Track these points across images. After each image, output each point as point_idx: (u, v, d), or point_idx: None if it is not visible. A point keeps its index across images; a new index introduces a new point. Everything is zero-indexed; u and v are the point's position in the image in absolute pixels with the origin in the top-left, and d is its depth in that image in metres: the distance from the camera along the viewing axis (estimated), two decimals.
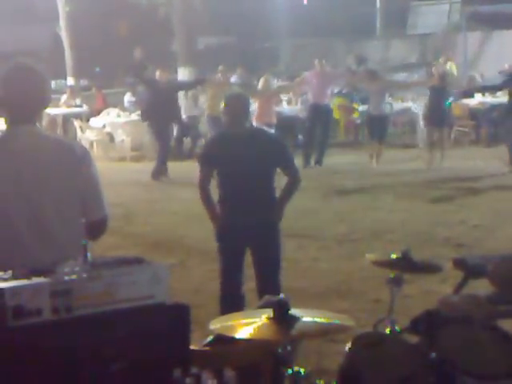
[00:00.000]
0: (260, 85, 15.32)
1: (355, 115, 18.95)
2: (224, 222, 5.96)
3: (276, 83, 19.80)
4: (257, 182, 5.91)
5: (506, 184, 12.71)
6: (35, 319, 2.78)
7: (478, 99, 18.43)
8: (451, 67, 19.49)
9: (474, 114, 18.14)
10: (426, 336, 3.99)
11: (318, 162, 15.11)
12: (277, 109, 17.83)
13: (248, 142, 5.85)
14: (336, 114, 19.47)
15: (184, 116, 16.81)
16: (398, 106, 19.58)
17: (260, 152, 5.82)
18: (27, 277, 2.94)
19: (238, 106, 5.89)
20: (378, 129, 14.99)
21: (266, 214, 6.00)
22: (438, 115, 14.80)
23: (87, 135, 17.69)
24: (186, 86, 17.02)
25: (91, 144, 17.46)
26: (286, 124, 16.91)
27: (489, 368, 3.73)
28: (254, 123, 14.48)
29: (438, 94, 14.89)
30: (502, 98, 17.37)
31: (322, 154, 15.19)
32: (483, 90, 17.39)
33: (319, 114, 15.15)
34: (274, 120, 14.72)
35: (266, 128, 14.10)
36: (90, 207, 3.87)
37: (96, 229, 3.93)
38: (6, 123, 3.87)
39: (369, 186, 12.94)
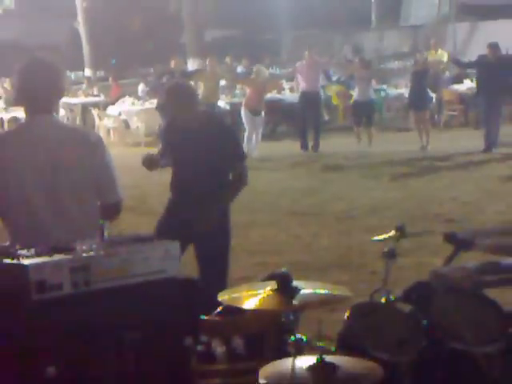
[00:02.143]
0: (253, 74, 15.45)
1: (352, 101, 18.92)
2: (170, 209, 5.41)
3: (277, 72, 19.84)
4: (204, 174, 5.23)
5: (491, 163, 12.69)
6: (57, 293, 2.79)
7: (466, 85, 18.42)
8: (442, 55, 19.38)
9: (463, 98, 18.14)
10: (418, 304, 4.00)
11: (314, 147, 15.08)
12: (280, 96, 17.86)
13: (196, 131, 5.23)
14: (334, 100, 19.46)
15: None
16: (392, 92, 19.59)
17: (208, 143, 5.20)
18: (49, 254, 2.94)
19: (180, 94, 5.30)
20: (364, 114, 15.00)
21: (210, 208, 5.22)
22: (418, 99, 14.90)
23: (104, 123, 17.69)
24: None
25: (108, 131, 17.47)
26: (288, 110, 16.90)
27: (476, 333, 3.73)
28: (243, 108, 14.76)
29: (419, 79, 14.97)
30: None
31: (317, 139, 15.15)
32: (458, 63, 17.41)
33: (310, 100, 15.16)
34: (262, 106, 14.73)
35: (252, 113, 14.41)
36: (105, 191, 3.86)
37: (110, 211, 3.92)
38: (24, 113, 3.88)
39: (365, 167, 12.92)
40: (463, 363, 3.73)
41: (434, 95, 18.11)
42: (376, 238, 4.43)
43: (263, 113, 14.70)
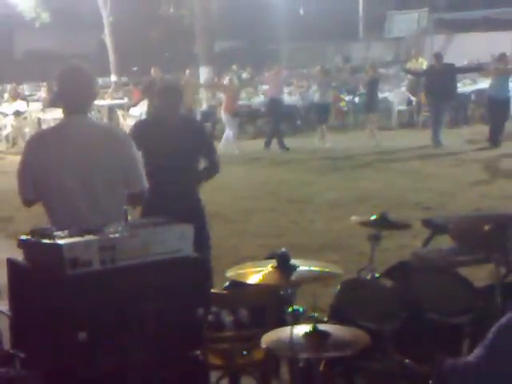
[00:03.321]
0: (226, 82, 15.70)
1: (342, 104, 18.89)
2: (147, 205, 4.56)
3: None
4: (181, 171, 5.06)
5: (464, 158, 12.67)
6: (87, 269, 2.80)
7: None
8: (422, 63, 19.30)
9: None
10: (400, 281, 4.00)
11: (266, 144, 15.04)
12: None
13: (179, 129, 5.09)
14: (343, 104, 19.35)
15: None
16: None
17: (188, 140, 5.07)
18: (80, 235, 2.95)
19: (175, 93, 5.11)
20: (323, 114, 15.30)
21: (191, 196, 5.14)
22: (371, 103, 15.22)
23: (128, 122, 17.63)
24: None
25: None
26: (287, 111, 16.86)
27: (450, 306, 3.73)
28: (223, 112, 14.81)
29: (372, 85, 15.42)
30: (462, 88, 17.33)
31: (270, 138, 15.10)
32: (410, 73, 17.74)
33: (277, 105, 15.24)
34: (237, 110, 15.04)
35: (230, 117, 14.59)
36: (131, 181, 3.86)
37: (136, 199, 3.93)
38: (62, 113, 3.89)
39: (354, 161, 12.90)
40: (438, 332, 3.73)
41: (413, 98, 18.09)
42: (354, 218, 4.45)
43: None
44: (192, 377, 2.91)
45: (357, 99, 18.87)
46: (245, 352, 3.43)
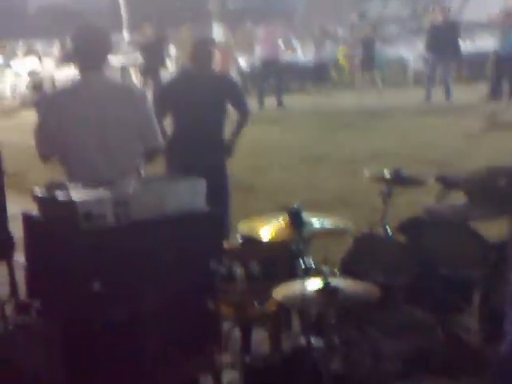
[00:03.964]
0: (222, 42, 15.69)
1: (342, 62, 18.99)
2: (175, 162, 5.00)
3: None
4: (212, 123, 5.26)
5: (481, 112, 12.57)
6: (101, 223, 2.84)
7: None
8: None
9: None
10: (412, 236, 4.02)
11: (279, 103, 15.02)
12: (290, 58, 17.78)
13: (211, 86, 5.22)
14: (342, 61, 19.23)
15: None
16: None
17: (219, 95, 5.25)
18: (94, 190, 2.99)
19: (206, 50, 5.23)
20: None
21: (218, 155, 5.31)
22: (368, 61, 15.26)
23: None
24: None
25: None
26: (300, 71, 16.86)
27: (462, 261, 3.76)
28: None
29: (368, 45, 15.72)
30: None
31: (280, 98, 15.05)
32: None
33: (273, 66, 15.08)
34: (233, 70, 15.07)
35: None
36: (147, 137, 3.90)
37: (152, 154, 3.97)
38: (78, 69, 3.91)
39: (367, 119, 12.84)
40: (449, 286, 3.76)
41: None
42: (367, 173, 4.47)
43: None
44: (205, 327, 2.97)
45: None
46: (256, 304, 3.48)
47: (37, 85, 17.35)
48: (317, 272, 3.35)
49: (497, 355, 2.61)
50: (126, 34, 23.98)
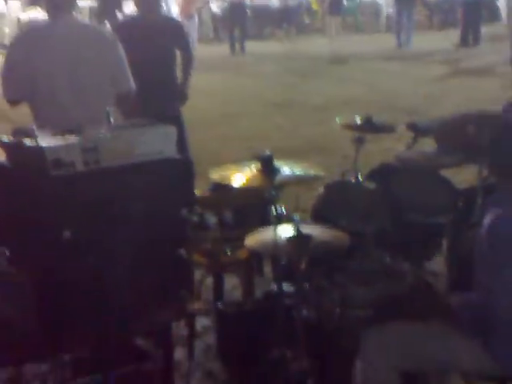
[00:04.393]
0: None
1: (314, 6, 18.81)
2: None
3: None
4: (161, 67, 5.13)
5: (452, 62, 12.58)
6: (70, 170, 2.80)
7: None
8: None
9: (426, 3, 17.86)
10: (382, 183, 4.04)
11: (242, 49, 14.97)
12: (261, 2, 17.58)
13: (156, 30, 5.11)
14: (314, 6, 19.05)
15: None
16: None
17: (165, 38, 5.15)
18: (63, 136, 2.94)
19: None
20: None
21: (171, 102, 5.20)
22: (336, 4, 15.25)
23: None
24: None
25: None
26: (272, 15, 16.67)
27: (430, 207, 3.80)
28: (179, 16, 14.43)
29: None
30: None
31: (243, 43, 15.02)
32: None
33: (238, 9, 15.06)
34: (194, 13, 14.55)
35: (187, 20, 13.77)
36: (119, 80, 3.85)
37: (123, 99, 3.93)
38: (47, 12, 3.81)
39: (339, 65, 12.78)
40: (419, 233, 3.80)
41: None
42: (338, 121, 4.46)
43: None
44: (177, 275, 2.98)
45: None
46: (228, 252, 3.49)
47: (1, 27, 16.96)
48: (288, 219, 3.35)
49: (463, 301, 2.66)
50: None
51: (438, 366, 2.64)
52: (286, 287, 3.14)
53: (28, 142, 2.85)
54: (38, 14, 13.82)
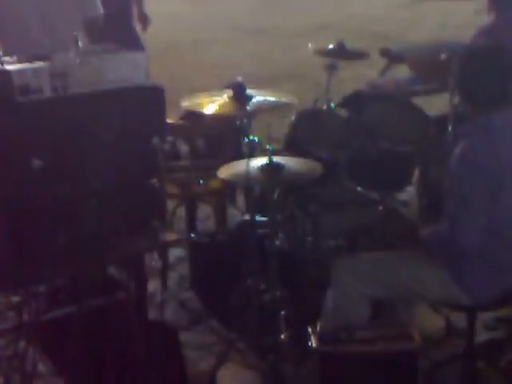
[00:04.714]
0: None
1: None
2: None
3: None
4: None
5: None
6: (38, 96, 2.74)
7: None
8: None
9: None
10: (355, 110, 4.01)
11: None
12: None
13: None
14: None
15: None
16: None
17: None
18: (30, 61, 2.86)
19: None
20: None
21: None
22: None
23: None
24: None
25: None
26: None
27: (402, 134, 3.79)
28: None
29: None
30: None
31: None
32: None
33: None
34: None
35: None
36: (87, 6, 3.80)
37: (92, 24, 3.84)
38: None
39: None
40: (390, 160, 3.80)
41: None
42: (311, 46, 4.39)
43: None
44: (148, 205, 2.96)
45: None
46: (201, 181, 3.48)
47: None
48: (261, 149, 3.33)
49: (432, 231, 2.68)
50: None
51: (409, 295, 2.68)
52: (259, 218, 3.15)
53: None
54: None
